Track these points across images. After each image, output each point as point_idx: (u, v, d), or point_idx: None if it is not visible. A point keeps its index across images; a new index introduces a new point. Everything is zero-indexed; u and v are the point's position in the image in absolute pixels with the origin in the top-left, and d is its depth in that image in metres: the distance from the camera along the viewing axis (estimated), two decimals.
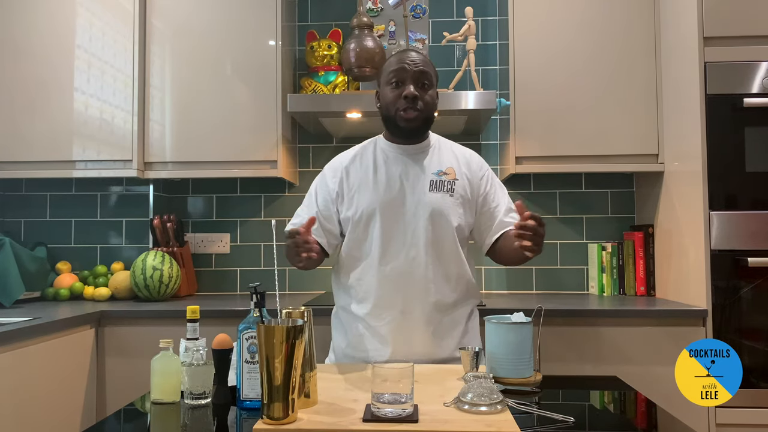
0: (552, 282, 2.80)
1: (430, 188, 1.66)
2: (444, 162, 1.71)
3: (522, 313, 1.44)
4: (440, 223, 1.65)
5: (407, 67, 1.61)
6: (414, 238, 1.64)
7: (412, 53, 1.65)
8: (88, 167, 2.55)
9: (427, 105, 1.64)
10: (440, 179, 1.68)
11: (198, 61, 2.58)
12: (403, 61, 1.63)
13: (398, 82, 1.62)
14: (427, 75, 1.63)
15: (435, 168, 1.69)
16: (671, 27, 2.38)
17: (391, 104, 1.64)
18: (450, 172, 1.70)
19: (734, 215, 2.13)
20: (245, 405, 1.25)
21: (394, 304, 1.64)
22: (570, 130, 2.48)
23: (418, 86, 1.62)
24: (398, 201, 1.65)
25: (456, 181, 1.69)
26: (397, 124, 1.65)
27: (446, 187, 1.67)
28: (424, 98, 1.63)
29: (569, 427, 1.15)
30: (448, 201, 1.66)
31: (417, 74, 1.61)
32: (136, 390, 2.08)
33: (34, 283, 2.55)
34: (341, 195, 1.71)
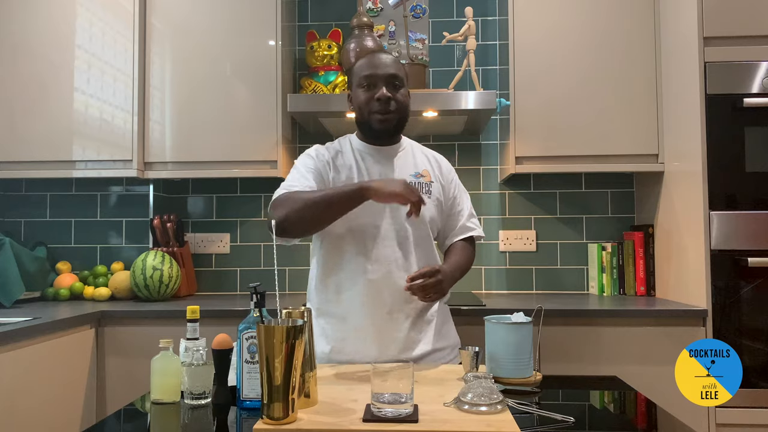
0: (552, 282, 2.80)
1: None
2: (419, 164, 1.74)
3: (522, 313, 1.44)
4: (420, 225, 1.67)
5: (378, 71, 1.62)
6: (397, 239, 1.64)
7: (381, 55, 1.66)
8: (88, 167, 2.55)
9: (400, 105, 1.65)
10: (418, 181, 1.70)
11: (198, 61, 2.58)
12: (374, 64, 1.63)
13: (370, 84, 1.63)
14: (397, 76, 1.64)
15: (412, 170, 1.71)
16: (671, 27, 2.38)
17: (364, 106, 1.64)
18: (426, 175, 1.73)
19: (734, 215, 2.13)
20: (245, 405, 1.25)
21: (380, 305, 1.63)
22: (570, 130, 2.48)
23: (389, 87, 1.62)
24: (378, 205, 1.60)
25: (432, 184, 1.72)
26: (372, 126, 1.65)
27: (424, 190, 1.70)
28: (397, 98, 1.64)
29: (569, 427, 1.15)
30: (427, 203, 1.66)
31: (388, 77, 1.62)
32: (136, 390, 2.09)
33: (34, 283, 2.55)
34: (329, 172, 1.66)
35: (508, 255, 2.82)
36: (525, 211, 2.82)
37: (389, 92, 1.62)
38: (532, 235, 2.81)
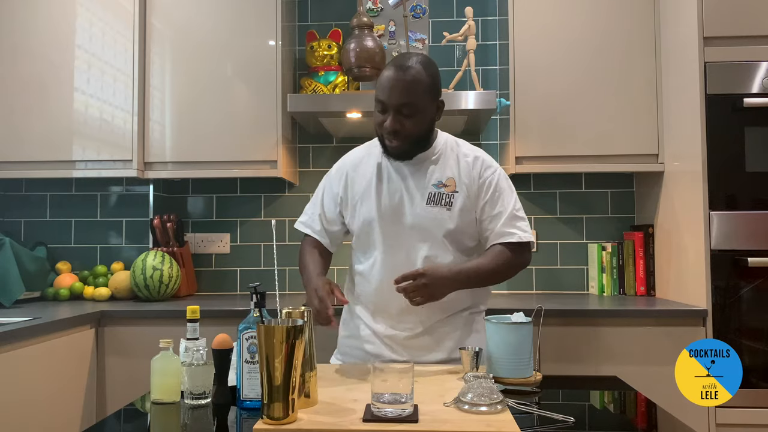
0: (552, 282, 2.80)
1: (427, 202, 1.61)
2: (446, 172, 1.64)
3: (522, 313, 1.44)
4: (436, 237, 1.61)
5: (388, 99, 1.53)
6: (412, 251, 1.62)
7: (399, 72, 1.53)
8: (88, 167, 2.55)
9: (410, 133, 1.56)
10: (439, 192, 1.62)
11: (198, 61, 2.58)
12: (386, 89, 1.54)
13: (382, 109, 1.56)
14: (408, 105, 1.53)
15: (436, 179, 1.63)
16: (671, 27, 2.38)
17: (377, 127, 1.60)
18: (450, 184, 1.63)
19: (734, 215, 2.13)
20: (245, 405, 1.25)
21: (391, 314, 1.64)
22: (570, 130, 2.48)
23: (398, 116, 1.54)
24: (398, 214, 1.63)
25: (455, 194, 1.62)
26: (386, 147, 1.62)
27: (444, 201, 1.61)
28: (406, 127, 1.54)
29: (569, 427, 1.15)
30: (445, 215, 1.61)
31: (397, 105, 1.53)
32: (136, 390, 2.08)
33: (34, 283, 2.55)
34: (345, 201, 1.71)
35: None
36: (525, 211, 2.79)
37: (396, 123, 1.54)
38: (532, 235, 2.80)
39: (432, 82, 1.57)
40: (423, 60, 1.57)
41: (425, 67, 1.56)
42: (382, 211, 1.64)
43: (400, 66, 1.54)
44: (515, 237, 1.62)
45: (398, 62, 1.56)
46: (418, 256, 1.62)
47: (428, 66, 1.57)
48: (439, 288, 1.50)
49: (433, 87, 1.58)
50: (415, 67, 1.54)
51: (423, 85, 1.54)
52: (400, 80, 1.53)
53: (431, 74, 1.57)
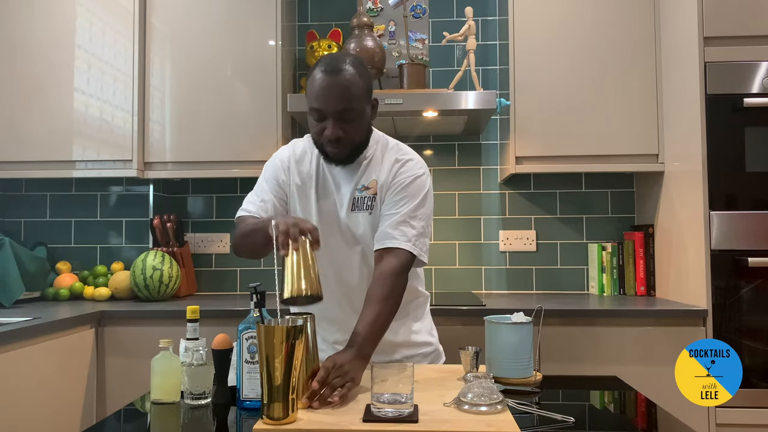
0: (552, 282, 2.80)
1: (351, 208, 1.56)
2: (370, 175, 1.57)
3: (522, 313, 1.44)
4: (364, 242, 1.56)
5: (327, 107, 1.44)
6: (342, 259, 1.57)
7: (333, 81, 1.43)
8: (88, 167, 2.55)
9: (352, 139, 1.49)
10: (362, 196, 1.56)
11: (198, 61, 2.58)
12: (323, 96, 1.43)
13: (319, 117, 1.47)
14: (349, 111, 1.45)
15: (361, 183, 1.57)
16: (671, 27, 2.38)
17: (315, 135, 1.51)
18: (371, 187, 1.56)
19: (734, 215, 2.13)
20: (245, 405, 1.25)
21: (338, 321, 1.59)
22: (570, 130, 2.48)
23: (340, 121, 1.45)
24: (331, 217, 1.57)
25: (375, 197, 1.56)
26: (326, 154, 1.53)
27: (366, 205, 1.56)
28: (348, 133, 1.47)
29: (569, 427, 1.15)
30: (367, 220, 1.56)
31: (338, 113, 1.44)
32: (136, 390, 2.08)
33: (34, 283, 2.55)
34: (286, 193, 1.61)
35: (508, 255, 2.82)
36: (525, 211, 2.82)
37: (338, 130, 1.45)
38: (532, 235, 2.81)
39: (366, 83, 1.49)
40: (353, 60, 1.49)
41: (357, 67, 1.47)
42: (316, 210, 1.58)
43: (332, 70, 1.44)
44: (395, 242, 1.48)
45: (329, 66, 1.45)
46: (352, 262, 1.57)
47: (359, 65, 1.49)
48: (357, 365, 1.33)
49: (368, 87, 1.50)
50: (348, 70, 1.45)
51: (359, 87, 1.46)
52: (336, 85, 1.43)
53: (364, 73, 1.49)
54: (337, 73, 1.43)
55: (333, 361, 1.29)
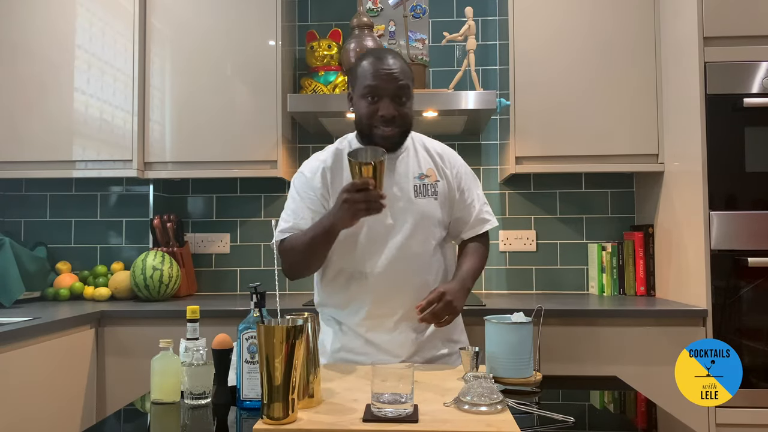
0: (552, 282, 2.80)
1: (415, 194, 1.62)
2: (423, 164, 1.66)
3: (522, 313, 1.44)
4: (428, 228, 1.62)
5: (384, 84, 1.52)
6: (402, 246, 1.60)
7: (388, 59, 1.54)
8: (88, 167, 2.55)
9: (405, 119, 1.58)
10: (423, 183, 1.63)
11: (198, 61, 2.58)
12: (380, 75, 1.52)
13: (374, 97, 1.53)
14: (405, 88, 1.54)
15: (416, 171, 1.64)
16: (671, 27, 2.38)
17: (366, 119, 1.56)
18: (431, 174, 1.65)
19: (734, 215, 2.13)
20: (245, 405, 1.25)
21: (389, 316, 1.62)
22: (570, 130, 2.48)
23: (396, 102, 1.54)
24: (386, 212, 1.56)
25: (438, 183, 1.65)
26: (373, 140, 1.56)
27: (430, 191, 1.63)
28: (402, 113, 1.55)
29: (569, 427, 1.15)
30: (434, 205, 1.63)
31: (395, 90, 1.53)
32: (136, 390, 2.08)
33: (34, 283, 2.55)
34: (329, 200, 1.62)
35: (508, 255, 2.82)
36: (525, 211, 2.82)
37: (395, 109, 1.53)
38: (532, 235, 2.81)
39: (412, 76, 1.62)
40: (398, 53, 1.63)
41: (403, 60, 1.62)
42: None
43: (385, 55, 1.57)
44: (489, 224, 1.72)
45: (381, 53, 1.58)
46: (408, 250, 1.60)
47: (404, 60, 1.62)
48: (460, 300, 1.53)
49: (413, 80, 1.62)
50: (396, 56, 1.59)
51: (408, 74, 1.59)
52: (392, 66, 1.54)
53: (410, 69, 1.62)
54: (392, 56, 1.57)
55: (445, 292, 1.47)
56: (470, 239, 1.73)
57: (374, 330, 1.62)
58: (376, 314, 1.62)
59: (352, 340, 1.66)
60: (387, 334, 1.62)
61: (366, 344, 1.64)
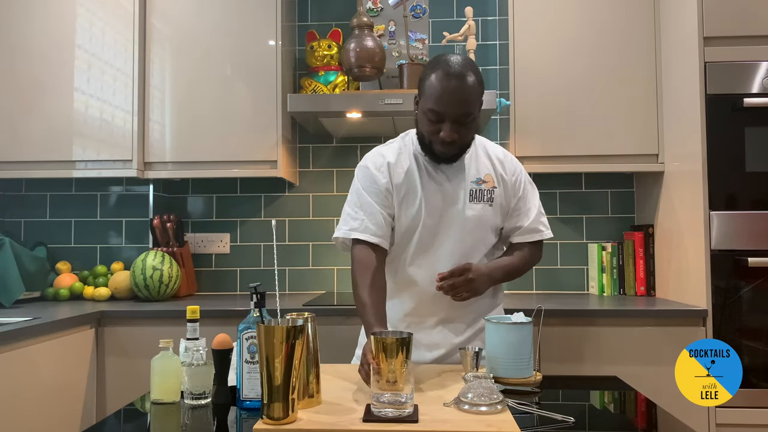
0: (552, 282, 2.80)
1: (470, 199, 1.61)
2: (482, 169, 1.64)
3: (522, 313, 1.44)
4: (480, 234, 1.62)
5: (448, 110, 1.47)
6: (453, 250, 1.60)
7: (457, 80, 1.46)
8: (87, 167, 2.55)
9: (465, 140, 1.55)
10: (479, 188, 1.61)
11: (198, 61, 2.58)
12: (445, 100, 1.47)
13: (437, 119, 1.50)
14: (467, 115, 1.49)
15: (473, 176, 1.62)
16: (671, 27, 2.38)
17: (427, 135, 1.54)
18: (488, 180, 1.63)
19: (734, 215, 2.13)
20: (245, 405, 1.25)
21: (431, 315, 1.63)
22: (570, 130, 2.48)
23: (457, 125, 1.49)
24: (439, 213, 1.60)
25: (494, 189, 1.63)
26: (432, 153, 1.56)
27: (485, 197, 1.61)
28: (462, 136, 1.52)
29: (569, 427, 1.15)
30: (488, 211, 1.61)
31: (458, 116, 1.48)
32: (136, 390, 2.08)
33: (34, 283, 2.55)
34: (393, 194, 1.61)
35: None
36: None
37: (455, 132, 1.49)
38: None
39: (482, 88, 1.55)
40: (470, 64, 1.51)
41: (476, 73, 1.51)
42: (428, 210, 1.60)
43: (454, 74, 1.47)
44: (542, 234, 1.68)
45: (449, 69, 1.48)
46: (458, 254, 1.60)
47: (477, 70, 1.52)
48: (482, 284, 1.55)
49: (483, 92, 1.55)
50: (469, 76, 1.48)
51: (477, 93, 1.51)
52: (460, 90, 1.47)
53: (481, 80, 1.53)
54: (460, 78, 1.47)
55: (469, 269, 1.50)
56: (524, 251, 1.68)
57: (412, 327, 1.61)
58: (419, 312, 1.64)
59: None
60: (425, 333, 1.63)
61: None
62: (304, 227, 2.85)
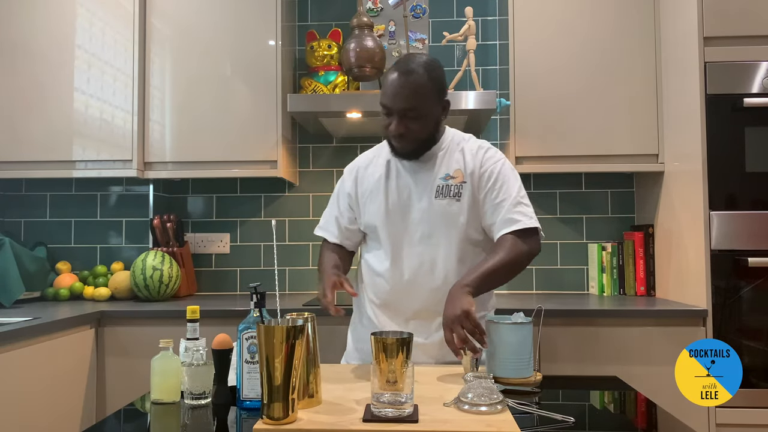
0: (552, 282, 2.80)
1: (436, 195, 1.62)
2: (452, 165, 1.64)
3: (522, 313, 1.44)
4: (447, 230, 1.62)
5: (392, 104, 1.54)
6: (421, 246, 1.62)
7: (403, 77, 1.53)
8: (88, 167, 2.55)
9: (416, 136, 1.57)
10: (447, 184, 1.63)
11: (198, 61, 2.58)
12: (390, 93, 1.54)
13: (387, 113, 1.58)
14: (412, 110, 1.53)
15: (443, 172, 1.64)
16: (671, 27, 2.38)
17: (383, 130, 1.62)
18: (457, 175, 1.63)
19: (734, 215, 2.13)
20: (245, 405, 1.25)
21: (403, 311, 1.65)
22: (570, 130, 2.48)
23: (405, 119, 1.55)
24: (405, 210, 1.64)
25: (463, 184, 1.62)
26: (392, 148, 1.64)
27: (453, 192, 1.62)
28: (411, 130, 1.56)
29: (569, 427, 1.15)
30: (455, 206, 1.61)
31: (403, 110, 1.54)
32: (136, 390, 2.08)
33: (34, 283, 2.55)
34: (355, 199, 1.72)
35: None
36: None
37: (401, 126, 1.55)
38: None
39: (436, 85, 1.57)
40: (427, 62, 1.57)
41: (429, 69, 1.55)
42: (390, 208, 1.65)
43: (403, 70, 1.54)
44: (520, 224, 1.58)
45: (402, 66, 1.56)
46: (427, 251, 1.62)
47: (432, 68, 1.56)
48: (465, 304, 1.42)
49: (437, 89, 1.57)
50: (418, 71, 1.53)
51: (426, 89, 1.54)
52: (404, 85, 1.53)
53: (435, 77, 1.56)
54: (408, 74, 1.53)
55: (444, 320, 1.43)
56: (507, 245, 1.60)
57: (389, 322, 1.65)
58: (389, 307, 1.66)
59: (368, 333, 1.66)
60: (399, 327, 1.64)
61: None
62: (304, 227, 2.85)
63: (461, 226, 1.62)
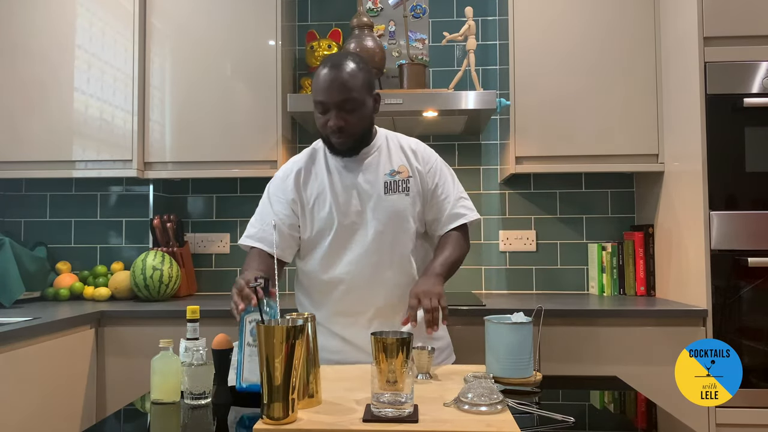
0: (552, 282, 2.80)
1: (385, 191, 1.65)
2: (395, 160, 1.69)
3: (522, 313, 1.44)
4: (400, 224, 1.65)
5: (328, 98, 1.56)
6: (373, 242, 1.63)
7: (333, 74, 1.56)
8: (88, 167, 2.55)
9: (354, 127, 1.59)
10: (394, 180, 1.66)
11: (198, 61, 2.58)
12: (325, 87, 1.56)
13: (323, 110, 1.59)
14: (349, 101, 1.56)
15: (387, 168, 1.67)
16: (671, 27, 2.38)
17: (320, 128, 1.62)
18: (403, 171, 1.68)
19: (734, 215, 2.13)
20: (243, 388, 1.26)
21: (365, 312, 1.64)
22: (570, 130, 2.48)
23: (342, 111, 1.57)
24: (356, 209, 1.64)
25: (410, 179, 1.67)
26: (332, 146, 1.64)
27: (401, 187, 1.66)
28: (349, 122, 1.58)
29: (569, 427, 1.15)
30: (405, 201, 1.65)
31: (339, 102, 1.56)
32: (136, 390, 2.08)
33: (34, 283, 2.55)
34: (300, 204, 1.68)
35: (508, 255, 2.82)
36: (525, 211, 2.82)
37: (340, 119, 1.56)
38: (532, 235, 2.81)
39: (367, 76, 1.61)
40: (353, 56, 1.62)
41: (357, 62, 1.60)
42: (342, 209, 1.64)
43: (333, 65, 1.57)
44: (466, 217, 1.70)
45: (330, 61, 1.59)
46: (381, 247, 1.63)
47: (359, 61, 1.61)
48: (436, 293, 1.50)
49: (368, 81, 1.61)
50: (347, 64, 1.58)
51: (358, 79, 1.58)
52: (336, 78, 1.56)
53: (364, 69, 1.61)
54: (338, 67, 1.57)
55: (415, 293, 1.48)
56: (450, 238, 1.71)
57: (349, 328, 1.65)
58: (349, 311, 1.65)
59: (327, 339, 1.67)
60: (359, 331, 1.63)
61: (343, 343, 1.66)
62: None
63: (411, 219, 1.66)
